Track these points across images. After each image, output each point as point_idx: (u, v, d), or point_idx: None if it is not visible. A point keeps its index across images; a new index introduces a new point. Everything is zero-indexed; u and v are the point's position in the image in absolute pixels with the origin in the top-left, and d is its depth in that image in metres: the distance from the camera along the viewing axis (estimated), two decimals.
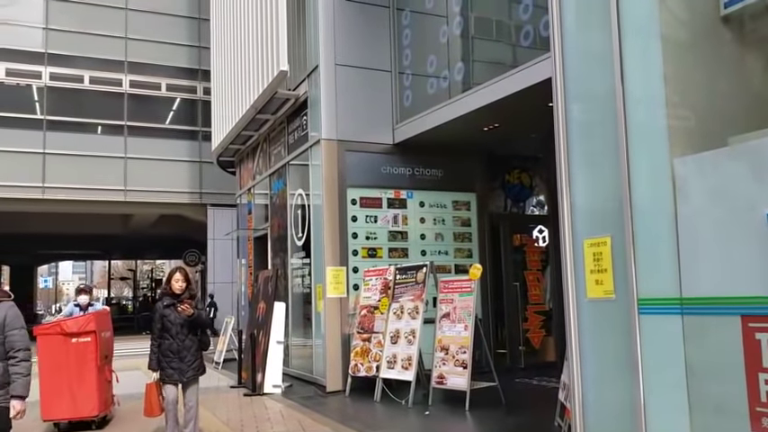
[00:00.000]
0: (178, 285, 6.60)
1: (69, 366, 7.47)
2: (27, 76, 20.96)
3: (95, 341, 7.50)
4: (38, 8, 21.08)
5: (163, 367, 6.52)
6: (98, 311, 8.74)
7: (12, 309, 4.38)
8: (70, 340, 7.42)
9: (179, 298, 6.56)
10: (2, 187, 19.87)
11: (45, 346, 7.47)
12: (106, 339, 7.93)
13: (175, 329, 6.50)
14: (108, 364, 8.05)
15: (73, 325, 7.54)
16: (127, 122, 21.70)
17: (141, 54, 21.88)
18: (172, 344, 6.51)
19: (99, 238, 32.47)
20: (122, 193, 21.35)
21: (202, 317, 6.65)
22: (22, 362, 4.28)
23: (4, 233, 28.76)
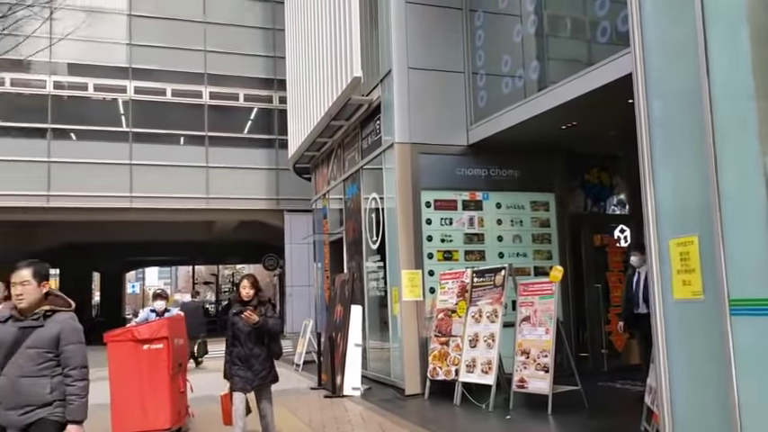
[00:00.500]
0: (245, 292, 6.42)
1: (141, 375, 7.05)
2: (113, 91, 21.97)
3: (168, 348, 7.09)
4: (122, 25, 22.08)
5: (232, 375, 6.39)
6: (172, 317, 8.43)
7: (69, 321, 3.97)
8: (142, 347, 7.01)
9: (247, 305, 6.37)
10: (92, 198, 20.88)
11: (116, 354, 7.07)
12: (180, 346, 7.51)
13: (244, 337, 6.33)
14: (182, 373, 7.63)
15: (145, 331, 7.15)
16: (207, 133, 22.44)
17: (220, 66, 22.59)
18: (240, 351, 6.35)
19: (183, 245, 33.64)
20: (204, 201, 22.07)
21: (269, 324, 6.35)
22: (77, 381, 3.87)
23: (95, 242, 30.24)
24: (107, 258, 38.52)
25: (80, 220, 22.64)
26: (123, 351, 7.03)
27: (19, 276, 3.91)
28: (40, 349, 3.82)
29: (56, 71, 21.17)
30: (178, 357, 7.38)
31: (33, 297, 3.90)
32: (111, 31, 21.44)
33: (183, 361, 7.64)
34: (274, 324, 6.43)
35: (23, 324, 3.87)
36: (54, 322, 3.89)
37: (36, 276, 3.93)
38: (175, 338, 7.30)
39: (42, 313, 3.90)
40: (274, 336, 6.46)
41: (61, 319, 3.92)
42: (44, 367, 3.82)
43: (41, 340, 3.83)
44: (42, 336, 3.84)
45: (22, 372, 3.78)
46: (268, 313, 6.38)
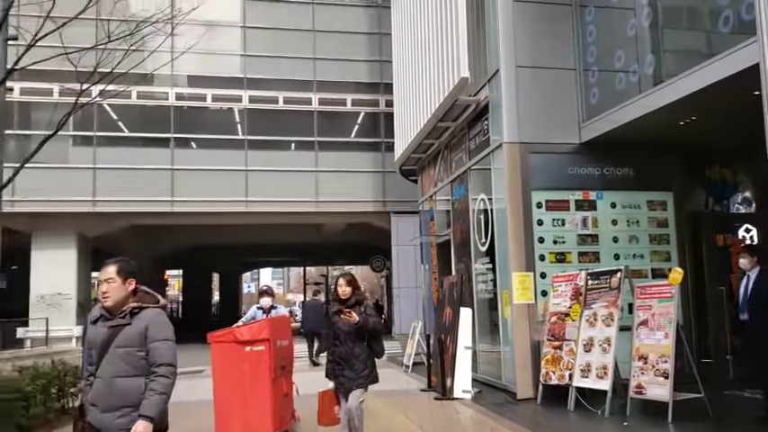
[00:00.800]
0: (341, 290, 6.28)
1: (243, 377, 6.84)
2: (229, 101, 23.04)
3: (270, 350, 6.79)
4: (236, 37, 23.11)
5: (336, 375, 6.28)
6: (275, 317, 8.18)
7: (158, 316, 3.78)
8: (244, 349, 6.76)
9: (345, 303, 6.24)
10: (211, 202, 21.97)
11: (219, 355, 6.89)
12: (283, 348, 7.23)
13: (344, 336, 6.21)
14: (286, 375, 7.32)
15: (246, 332, 6.88)
16: (317, 138, 23.07)
17: (328, 73, 23.18)
18: (341, 351, 6.23)
19: (294, 246, 34.73)
20: (314, 204, 22.70)
21: (369, 324, 6.18)
22: (160, 378, 3.64)
23: (214, 244, 31.80)
24: (225, 260, 40.37)
25: (200, 223, 23.90)
26: (226, 352, 6.83)
27: (104, 274, 3.78)
28: (130, 348, 3.67)
29: (177, 83, 22.46)
30: (281, 360, 7.08)
31: (119, 295, 3.75)
32: (226, 44, 22.49)
33: (288, 363, 7.35)
34: (375, 323, 6.28)
35: (112, 323, 3.73)
36: (141, 319, 3.72)
37: (121, 273, 3.78)
38: (278, 340, 7.01)
39: (129, 311, 3.73)
40: (376, 335, 6.32)
41: (148, 315, 3.74)
42: (137, 366, 3.65)
43: (129, 338, 3.68)
44: (130, 334, 3.68)
45: (115, 372, 3.64)
46: (367, 311, 6.24)
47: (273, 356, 6.84)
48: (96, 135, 21.85)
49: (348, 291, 6.27)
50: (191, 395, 9.67)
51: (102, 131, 21.97)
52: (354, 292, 6.29)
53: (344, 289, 6.28)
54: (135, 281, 3.83)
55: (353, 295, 6.28)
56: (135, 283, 3.83)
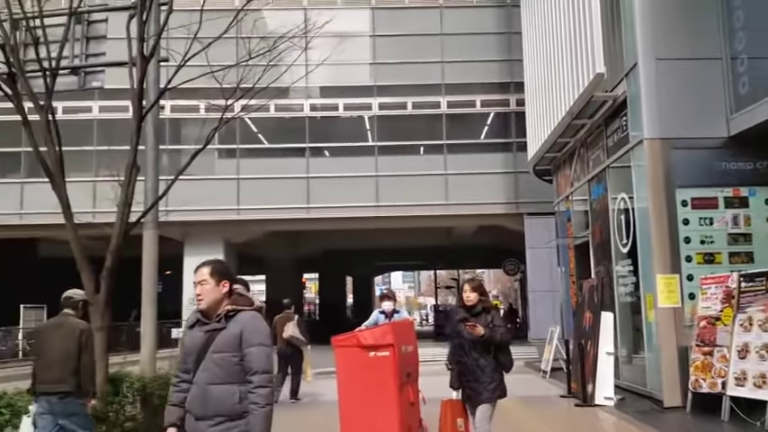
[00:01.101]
0: (467, 297, 5.95)
1: (367, 384, 6.49)
2: (360, 109, 23.61)
3: (394, 356, 6.42)
4: (365, 46, 23.63)
5: (463, 386, 6.02)
6: (398, 321, 7.86)
7: (251, 321, 3.58)
8: (368, 354, 6.44)
9: (471, 311, 5.94)
10: (344, 208, 22.59)
11: (343, 360, 6.62)
12: (408, 354, 6.87)
13: (468, 346, 5.91)
14: (412, 383, 6.92)
15: (369, 336, 6.57)
16: (446, 141, 23.10)
17: (456, 75, 23.14)
18: (466, 361, 5.94)
19: (425, 250, 34.93)
20: (443, 207, 22.73)
21: (496, 337, 5.83)
22: (258, 389, 3.43)
23: (347, 248, 32.64)
24: (358, 263, 41.30)
25: (334, 228, 24.63)
26: (350, 357, 6.53)
27: (198, 275, 3.62)
28: (225, 353, 3.49)
29: (311, 95, 23.32)
30: (406, 366, 6.72)
31: (212, 297, 3.59)
32: (356, 53, 23.03)
33: (413, 370, 7.05)
34: (503, 335, 5.89)
35: (208, 327, 3.58)
36: (236, 323, 3.54)
37: (214, 275, 3.61)
38: (402, 345, 6.66)
39: (224, 314, 3.57)
40: (503, 348, 5.95)
41: (243, 318, 3.56)
42: (232, 373, 3.47)
43: (225, 343, 3.51)
44: (225, 338, 3.52)
45: (210, 379, 3.48)
46: (495, 321, 5.89)
47: (398, 363, 6.42)
48: (239, 147, 23.13)
49: (474, 297, 5.93)
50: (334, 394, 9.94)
51: (244, 144, 23.23)
52: (481, 299, 5.95)
53: (470, 295, 5.94)
54: (229, 283, 3.67)
55: (480, 302, 5.94)
56: (229, 285, 3.66)
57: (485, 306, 5.96)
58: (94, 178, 20.11)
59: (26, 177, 22.16)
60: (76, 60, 9.83)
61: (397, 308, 8.75)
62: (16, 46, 7.81)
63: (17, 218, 22.40)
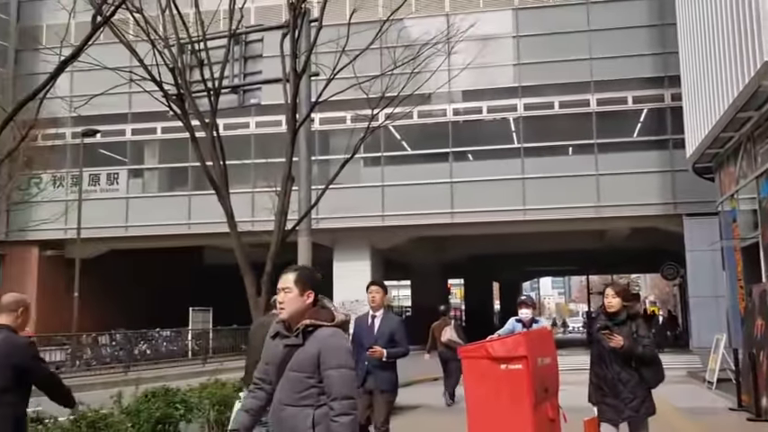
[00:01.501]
0: (608, 303, 5.43)
1: (498, 400, 5.92)
2: (504, 111, 23.30)
3: (528, 369, 5.81)
4: (508, 47, 23.31)
5: (597, 401, 5.48)
6: (534, 331, 7.23)
7: (330, 339, 3.19)
8: (499, 366, 5.89)
9: (614, 318, 5.40)
10: (489, 212, 22.36)
11: (471, 372, 6.11)
12: (545, 367, 6.23)
13: (608, 357, 5.37)
14: (551, 399, 6.28)
15: (500, 347, 5.99)
16: (596, 140, 22.22)
17: (606, 71, 22.22)
18: (606, 374, 5.40)
19: (575, 254, 33.79)
20: (594, 210, 21.86)
21: (637, 351, 5.26)
22: (340, 417, 3.09)
23: (493, 253, 32.29)
24: (504, 268, 40.75)
25: (479, 233, 24.46)
26: (479, 370, 6.02)
27: (282, 281, 3.32)
28: (301, 373, 3.16)
29: (453, 99, 23.34)
30: (543, 381, 6.08)
31: (294, 307, 3.25)
32: (499, 55, 22.77)
33: (552, 384, 6.31)
34: (646, 348, 5.30)
35: (288, 342, 3.25)
36: (314, 341, 3.18)
37: (299, 283, 3.26)
38: (538, 357, 6.03)
39: (302, 329, 3.21)
40: (646, 362, 5.33)
41: (321, 336, 3.18)
42: (306, 395, 3.14)
43: (301, 363, 3.17)
44: (302, 357, 3.17)
45: (284, 399, 3.19)
46: (639, 331, 5.33)
47: (533, 377, 5.79)
48: (384, 155, 23.62)
49: (617, 303, 5.38)
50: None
51: (388, 152, 23.69)
52: (625, 305, 5.43)
53: (612, 301, 5.40)
54: (314, 293, 3.29)
55: (624, 309, 5.41)
56: (314, 296, 3.28)
57: (630, 313, 5.44)
58: (253, 189, 21.35)
59: (193, 190, 23.97)
60: (236, 79, 10.50)
61: (537, 317, 8.09)
62: (183, 68, 8.48)
63: (186, 228, 24.26)
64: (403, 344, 6.33)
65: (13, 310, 4.22)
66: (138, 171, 26.28)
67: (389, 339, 6.20)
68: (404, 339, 6.43)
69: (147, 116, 23.28)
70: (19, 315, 4.23)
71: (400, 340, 6.28)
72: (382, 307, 6.33)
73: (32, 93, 4.54)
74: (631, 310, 5.46)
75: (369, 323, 6.31)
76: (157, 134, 25.02)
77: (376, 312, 6.32)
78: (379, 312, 6.31)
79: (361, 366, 5.98)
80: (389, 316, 6.50)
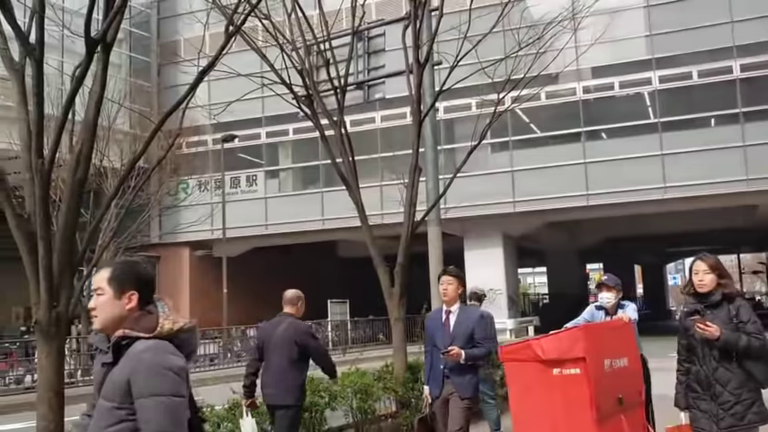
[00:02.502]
0: (698, 280, 4.19)
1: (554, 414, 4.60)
2: (637, 85, 22.14)
3: (588, 374, 4.47)
4: (639, 18, 22.11)
5: (688, 405, 4.24)
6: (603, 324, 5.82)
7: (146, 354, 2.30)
8: (551, 371, 4.56)
9: (706, 299, 4.18)
10: (626, 192, 21.36)
11: (516, 379, 4.88)
12: (619, 371, 4.84)
13: (702, 350, 4.15)
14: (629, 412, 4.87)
15: (551, 346, 4.64)
16: (742, 109, 20.61)
17: (750, 34, 20.53)
18: (699, 371, 4.17)
19: (723, 233, 31.64)
20: (744, 183, 20.32)
21: (738, 341, 4.00)
22: None
23: (633, 234, 30.86)
24: (646, 251, 38.90)
25: (617, 215, 23.43)
26: (525, 375, 4.74)
27: (94, 281, 2.50)
28: (109, 402, 2.32)
29: (582, 77, 22.48)
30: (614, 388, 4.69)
31: (107, 314, 2.41)
32: (629, 27, 21.65)
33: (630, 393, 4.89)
34: (753, 337, 4.04)
35: (104, 359, 2.46)
36: (126, 361, 2.32)
37: (113, 282, 2.41)
38: (607, 359, 4.71)
39: (115, 342, 2.36)
40: (752, 354, 4.05)
41: (134, 353, 2.31)
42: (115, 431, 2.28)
43: (109, 389, 2.34)
44: (111, 380, 2.34)
45: None
46: (741, 315, 4.10)
47: (597, 384, 4.48)
48: (512, 140, 23.19)
49: (710, 281, 4.16)
50: None
51: (516, 136, 23.23)
52: (720, 282, 4.17)
53: (704, 278, 4.18)
54: (140, 294, 2.42)
55: (719, 287, 4.16)
56: (139, 297, 2.41)
57: (726, 293, 4.16)
58: (381, 183, 21.71)
59: (325, 187, 24.74)
60: (360, 76, 10.69)
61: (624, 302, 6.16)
62: (311, 69, 8.76)
63: (320, 223, 25.11)
64: (485, 342, 5.55)
65: (294, 302, 5.60)
66: (274, 172, 27.50)
67: (469, 338, 5.29)
68: (486, 337, 5.74)
69: (280, 119, 24.29)
70: (299, 306, 5.61)
71: (482, 339, 5.41)
72: (457, 300, 5.44)
73: (176, 104, 4.87)
74: (729, 288, 4.20)
75: (443, 320, 5.42)
76: (289, 135, 26.03)
77: (451, 307, 5.43)
78: (454, 307, 5.41)
79: (435, 371, 5.38)
80: (468, 310, 5.63)
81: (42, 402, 4.33)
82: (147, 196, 20.00)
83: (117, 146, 18.58)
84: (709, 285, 4.17)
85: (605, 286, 6.09)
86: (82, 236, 5.95)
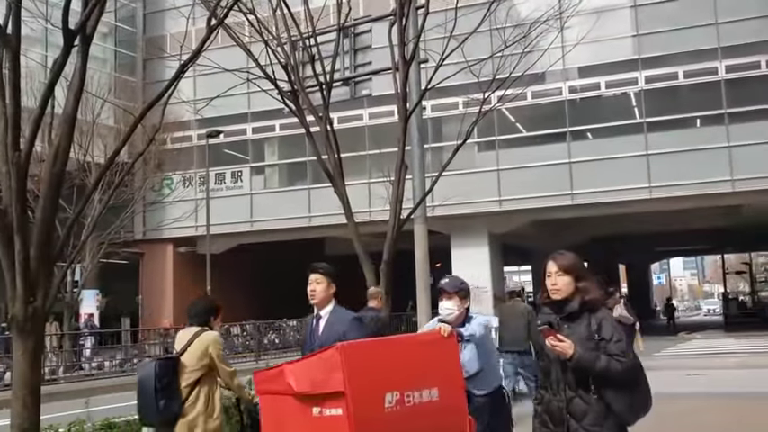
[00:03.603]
0: (551, 284, 3.36)
1: None
2: (623, 85, 22.24)
3: (350, 417, 3.04)
4: (626, 18, 22.21)
5: None
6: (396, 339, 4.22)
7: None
8: (310, 411, 3.20)
9: (561, 309, 3.34)
10: (612, 192, 21.44)
11: (269, 416, 3.52)
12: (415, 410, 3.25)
13: (555, 374, 3.32)
14: None
15: (303, 375, 3.30)
16: (727, 110, 20.75)
17: (735, 36, 20.67)
18: (551, 401, 3.35)
19: (708, 232, 31.87)
20: (729, 184, 20.46)
21: (595, 362, 3.15)
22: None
23: (618, 234, 31.02)
24: (631, 250, 39.09)
25: (602, 214, 23.53)
26: (281, 414, 3.40)
27: None
28: None
29: (568, 77, 22.55)
30: None
31: None
32: (616, 27, 21.75)
33: None
34: (614, 359, 3.15)
35: None
36: None
37: None
38: (391, 391, 3.17)
39: None
40: (612, 380, 3.17)
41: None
42: None
43: None
44: None
45: None
46: (603, 330, 3.22)
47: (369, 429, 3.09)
48: (498, 139, 23.22)
49: (565, 285, 3.30)
50: None
51: (502, 135, 23.26)
52: (579, 286, 3.31)
53: (557, 281, 3.32)
54: None
55: (578, 294, 3.30)
56: None
57: (587, 301, 3.29)
58: (368, 180, 21.65)
59: (312, 184, 24.66)
60: (347, 72, 10.65)
61: (477, 314, 4.62)
62: (296, 65, 8.70)
63: (306, 220, 25.03)
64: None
65: (376, 297, 7.04)
66: (260, 168, 27.35)
67: None
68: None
69: (266, 114, 24.15)
70: (380, 300, 7.02)
71: None
72: (330, 302, 4.40)
73: (156, 97, 4.81)
74: (588, 295, 3.30)
75: (313, 325, 4.43)
76: (276, 131, 25.92)
77: (321, 310, 4.39)
78: (325, 310, 4.38)
79: None
80: (340, 312, 4.38)
81: (17, 400, 4.25)
82: (132, 192, 19.85)
83: (101, 141, 18.41)
84: (565, 291, 3.30)
85: (445, 293, 4.44)
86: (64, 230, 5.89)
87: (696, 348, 19.82)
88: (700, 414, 8.17)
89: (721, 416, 8.04)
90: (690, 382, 10.94)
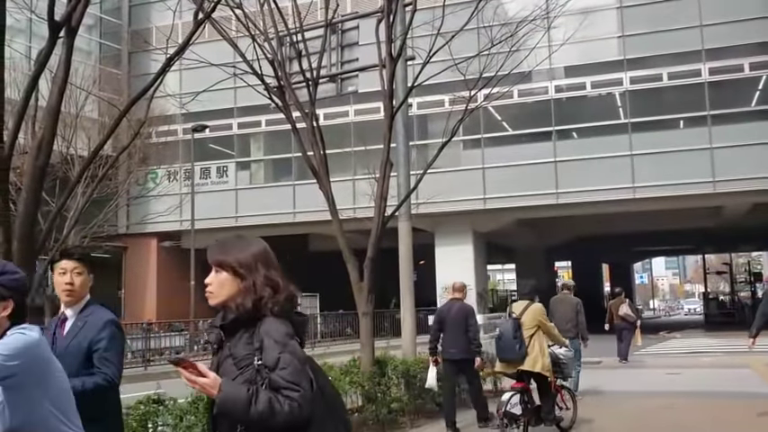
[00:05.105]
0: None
1: None
2: (609, 85, 22.39)
3: None
4: (612, 19, 22.35)
5: None
6: None
7: None
8: None
9: (222, 327, 2.38)
10: (596, 192, 21.60)
11: None
12: None
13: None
14: None
15: None
16: (709, 112, 20.97)
17: (718, 38, 20.89)
18: None
19: (689, 232, 32.17)
20: (710, 185, 20.68)
21: (255, 408, 2.06)
22: None
23: (602, 233, 31.23)
24: (614, 249, 39.36)
25: (586, 213, 23.70)
26: None
27: None
28: None
29: (554, 76, 22.66)
30: None
31: None
32: (602, 28, 21.88)
33: None
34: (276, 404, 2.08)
35: None
36: None
37: None
38: None
39: None
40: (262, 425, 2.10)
41: None
42: None
43: None
44: None
45: None
46: (267, 357, 2.18)
47: None
48: (483, 137, 23.29)
49: (219, 284, 2.49)
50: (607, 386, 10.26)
51: (488, 133, 23.33)
52: (242, 287, 2.43)
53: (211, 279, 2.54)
54: None
55: (232, 301, 2.41)
56: None
57: (239, 308, 2.35)
58: (353, 177, 21.65)
59: (297, 180, 24.60)
60: (333, 68, 10.63)
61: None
62: (283, 60, 8.67)
63: (291, 216, 24.97)
64: (107, 365, 3.13)
65: (460, 290, 7.89)
66: (246, 163, 27.26)
67: (85, 358, 3.14)
68: (115, 355, 3.18)
69: (252, 110, 24.06)
70: (464, 293, 7.95)
71: (110, 357, 3.16)
72: (82, 298, 3.27)
73: (142, 90, 4.78)
74: (247, 299, 2.34)
75: (54, 330, 3.24)
76: (262, 127, 25.82)
77: (68, 308, 3.26)
78: (71, 311, 3.26)
79: None
80: (96, 311, 3.26)
81: None
82: (115, 185, 19.69)
83: (85, 133, 18.25)
84: (219, 294, 2.42)
85: None
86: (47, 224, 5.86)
87: (676, 347, 20.03)
88: (676, 412, 8.28)
89: (696, 414, 8.16)
90: (668, 381, 11.07)
